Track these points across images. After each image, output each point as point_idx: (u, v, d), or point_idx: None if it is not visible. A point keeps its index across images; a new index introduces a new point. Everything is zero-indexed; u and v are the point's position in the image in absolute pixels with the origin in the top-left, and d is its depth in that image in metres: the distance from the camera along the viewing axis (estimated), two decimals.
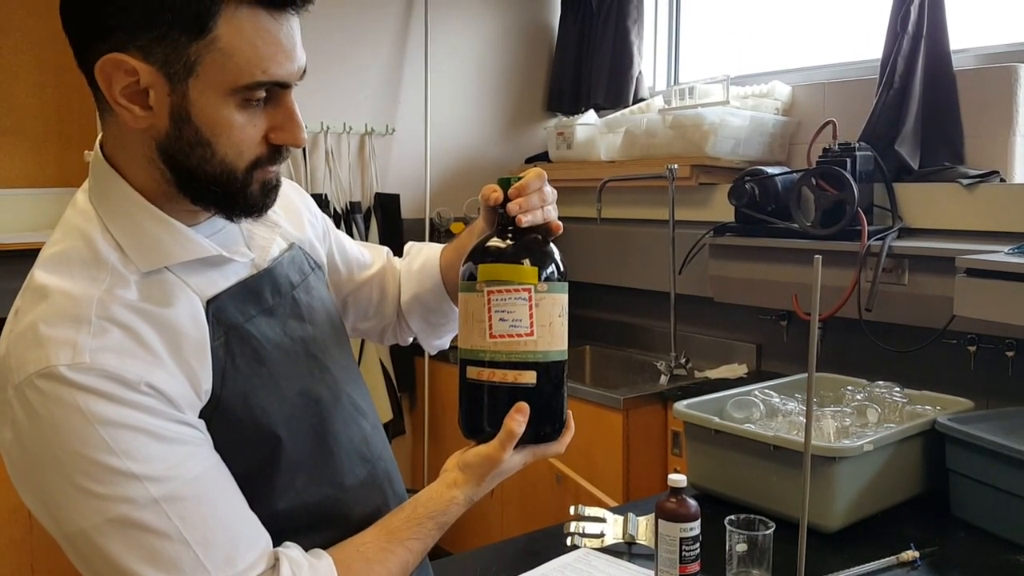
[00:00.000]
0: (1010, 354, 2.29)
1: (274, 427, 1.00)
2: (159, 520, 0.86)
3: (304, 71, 0.97)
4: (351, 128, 3.47)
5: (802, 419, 1.74)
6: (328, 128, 3.41)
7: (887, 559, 1.46)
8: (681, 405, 1.81)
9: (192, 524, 0.88)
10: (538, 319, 1.01)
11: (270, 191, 1.00)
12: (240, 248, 1.05)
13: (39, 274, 0.93)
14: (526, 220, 1.06)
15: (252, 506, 0.97)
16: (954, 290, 2.00)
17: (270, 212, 1.06)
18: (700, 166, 3.01)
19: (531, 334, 1.01)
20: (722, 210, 2.93)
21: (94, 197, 0.98)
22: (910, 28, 2.55)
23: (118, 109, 0.91)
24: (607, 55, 3.61)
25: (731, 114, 2.92)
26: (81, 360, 0.85)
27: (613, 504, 2.47)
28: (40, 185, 3.10)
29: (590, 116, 3.55)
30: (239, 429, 0.97)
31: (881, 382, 1.92)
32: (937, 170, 2.53)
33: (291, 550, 0.97)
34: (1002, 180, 2.42)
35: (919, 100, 2.56)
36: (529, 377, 1.01)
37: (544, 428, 1.04)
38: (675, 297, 3.06)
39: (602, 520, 1.58)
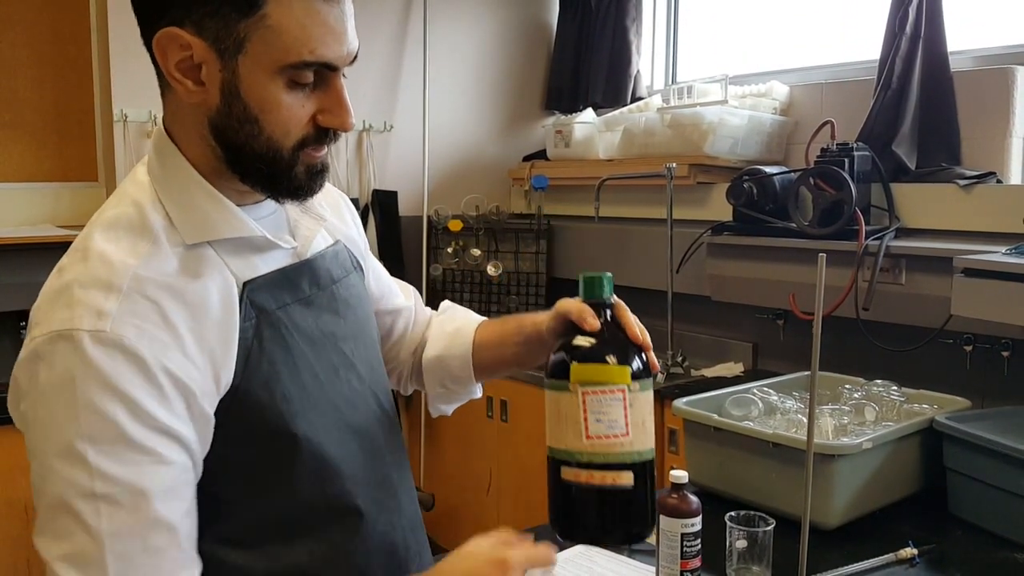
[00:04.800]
0: (1006, 354, 2.30)
1: (294, 417, 1.00)
2: (90, 514, 0.87)
3: (355, 57, 0.98)
4: None
5: (800, 417, 1.75)
6: None
7: (885, 556, 1.47)
8: (680, 402, 1.82)
9: (116, 535, 0.87)
10: (632, 418, 1.00)
11: (316, 175, 1.02)
12: (284, 235, 1.06)
13: (87, 236, 0.96)
14: (637, 335, 1.06)
15: (268, 495, 0.98)
16: (951, 290, 2.02)
17: (317, 206, 1.11)
18: (698, 165, 3.02)
19: (627, 434, 0.99)
20: (720, 209, 2.94)
21: (152, 169, 1.01)
22: (908, 29, 2.56)
23: (173, 83, 0.94)
24: (605, 54, 3.62)
25: (729, 113, 2.93)
26: (102, 327, 0.88)
27: None
28: (38, 180, 3.10)
29: (588, 115, 3.55)
30: (258, 416, 0.98)
31: (879, 381, 1.93)
32: (934, 171, 2.54)
33: None
34: (999, 181, 2.43)
35: (916, 101, 2.57)
36: (627, 478, 1.00)
37: (635, 527, 1.03)
38: (672, 296, 3.06)
39: None
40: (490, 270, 3.66)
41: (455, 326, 1.37)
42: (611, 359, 1.01)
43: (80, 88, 3.13)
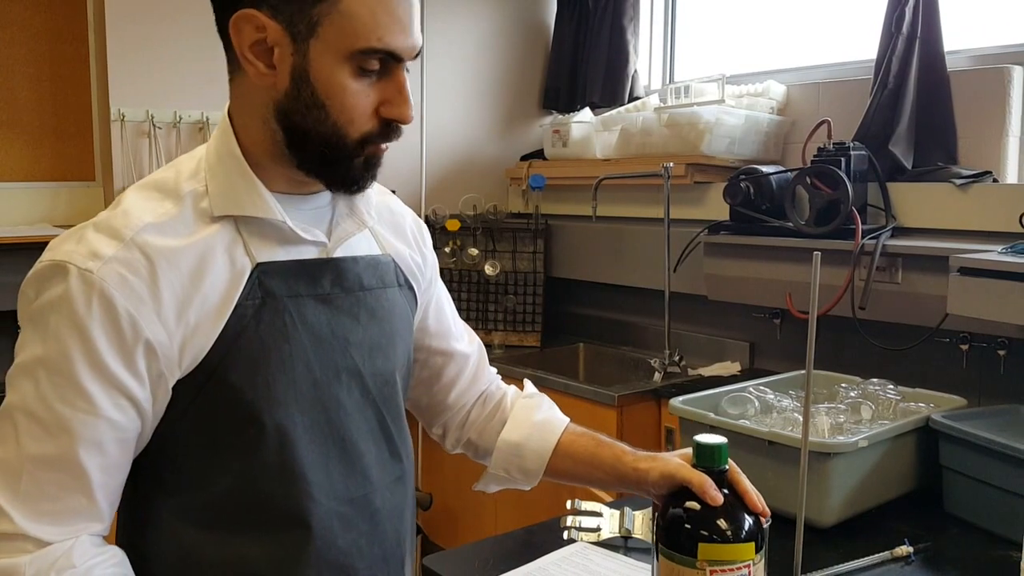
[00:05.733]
0: (1002, 353, 2.31)
1: (270, 406, 1.01)
2: (24, 431, 0.92)
3: (419, 52, 1.03)
4: None
5: (796, 415, 1.75)
6: None
7: (881, 554, 1.47)
8: (677, 401, 1.82)
9: (37, 460, 0.92)
10: None
11: (372, 167, 1.06)
12: (313, 230, 1.07)
13: (127, 191, 1.03)
14: (756, 505, 1.06)
15: (226, 478, 1.01)
16: (947, 289, 2.02)
17: (365, 213, 1.13)
18: (695, 164, 3.03)
19: None
20: (717, 209, 2.95)
21: (209, 145, 1.08)
22: (904, 29, 2.56)
23: (245, 64, 0.99)
24: (603, 53, 3.62)
25: (726, 113, 2.94)
26: (91, 268, 0.93)
27: (607, 500, 2.47)
28: (35, 179, 3.10)
29: (586, 114, 3.56)
30: (231, 396, 0.99)
31: (875, 379, 1.93)
32: (930, 170, 2.55)
33: (84, 547, 0.95)
34: (995, 180, 2.44)
35: (913, 100, 2.58)
36: None
37: None
38: (669, 295, 3.07)
39: (599, 514, 1.59)
40: (487, 269, 3.67)
41: (542, 417, 1.35)
42: (738, 536, 1.03)
43: (77, 87, 3.13)
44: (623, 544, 1.54)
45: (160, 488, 1.02)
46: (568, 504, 1.62)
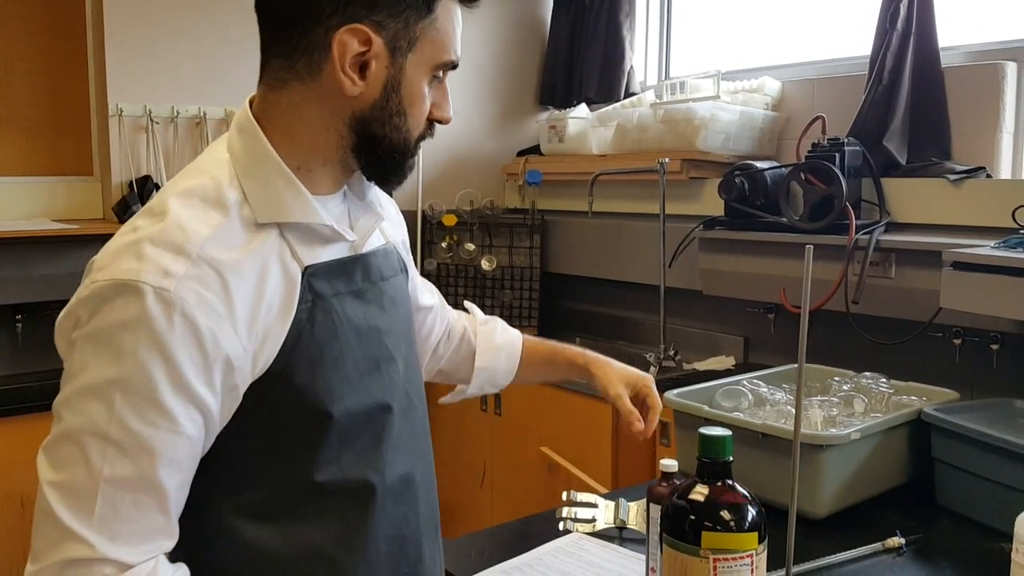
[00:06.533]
0: (995, 347, 2.32)
1: (332, 399, 1.04)
2: (96, 454, 0.91)
3: None
4: None
5: (790, 408, 1.76)
6: None
7: (873, 545, 1.49)
8: (671, 394, 1.83)
9: (112, 481, 0.91)
10: None
11: (412, 165, 1.12)
12: (346, 228, 1.10)
13: (163, 201, 0.99)
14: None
15: (290, 470, 1.03)
16: (940, 283, 2.03)
17: (377, 204, 1.17)
18: (690, 160, 3.04)
19: None
20: (712, 204, 2.96)
21: (234, 149, 1.05)
22: (899, 25, 2.57)
23: (340, 78, 1.00)
24: (599, 49, 3.63)
25: (721, 109, 2.95)
26: (167, 286, 0.92)
27: (603, 492, 2.49)
28: (33, 174, 3.10)
29: (582, 110, 3.57)
30: (298, 394, 1.02)
31: (868, 373, 1.95)
32: (924, 165, 2.56)
33: (164, 566, 0.96)
34: (988, 176, 2.45)
35: (907, 96, 2.59)
36: None
37: None
38: (665, 290, 3.08)
39: (594, 505, 1.60)
40: (484, 264, 3.68)
41: (503, 339, 1.56)
42: (742, 526, 1.04)
43: (75, 82, 3.13)
44: (618, 535, 1.55)
45: (215, 488, 1.02)
46: (564, 496, 1.63)
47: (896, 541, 1.49)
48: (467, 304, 1.62)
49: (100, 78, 3.08)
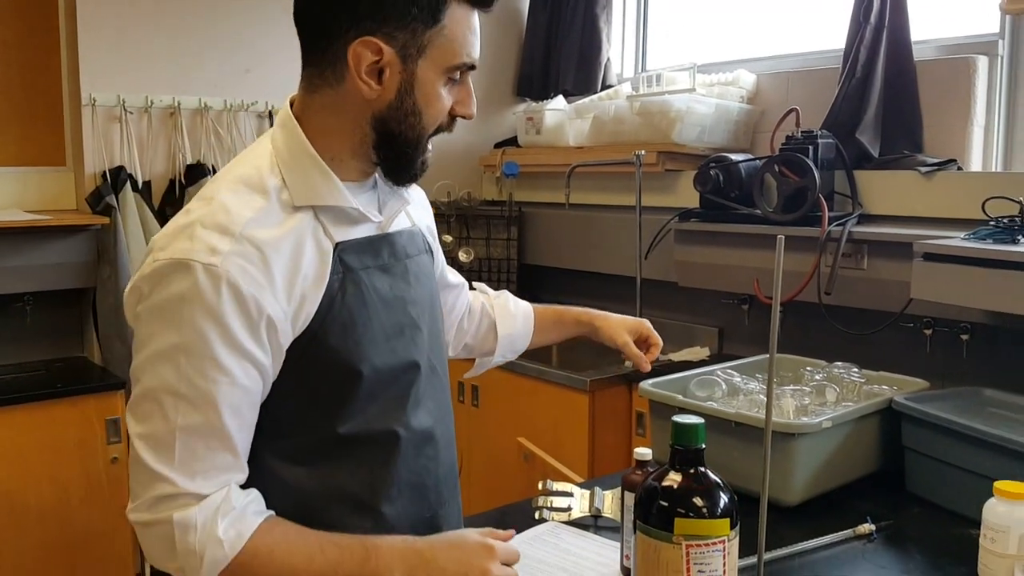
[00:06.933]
0: (964, 337, 2.35)
1: (362, 359, 1.19)
2: (170, 407, 1.08)
3: None
4: None
5: (762, 397, 1.78)
6: None
7: (844, 532, 1.50)
8: (646, 384, 1.85)
9: (186, 429, 1.08)
10: (729, 565, 1.05)
11: (426, 162, 1.26)
12: (373, 211, 1.25)
13: (215, 188, 1.16)
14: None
15: (323, 420, 1.19)
16: (911, 274, 2.06)
17: (406, 194, 1.32)
18: (666, 153, 3.05)
19: None
20: (687, 196, 2.98)
21: (276, 142, 1.21)
22: (872, 19, 2.60)
23: (359, 84, 1.15)
24: (576, 41, 3.64)
25: (697, 101, 2.96)
26: (214, 262, 1.08)
27: (578, 481, 2.50)
28: (5, 164, 3.07)
29: (559, 102, 3.57)
30: (332, 354, 1.17)
31: (840, 363, 1.97)
32: (896, 158, 2.59)
33: (236, 493, 1.12)
34: (959, 168, 2.48)
35: (880, 90, 2.61)
36: None
37: None
38: (641, 281, 3.10)
39: (569, 495, 1.61)
40: (462, 256, 3.68)
41: (517, 309, 1.73)
42: (714, 512, 1.05)
43: (48, 72, 3.10)
44: (593, 523, 1.56)
45: (260, 435, 1.17)
46: (540, 485, 1.64)
47: (867, 528, 1.51)
48: (476, 284, 1.78)
49: (73, 68, 3.05)
